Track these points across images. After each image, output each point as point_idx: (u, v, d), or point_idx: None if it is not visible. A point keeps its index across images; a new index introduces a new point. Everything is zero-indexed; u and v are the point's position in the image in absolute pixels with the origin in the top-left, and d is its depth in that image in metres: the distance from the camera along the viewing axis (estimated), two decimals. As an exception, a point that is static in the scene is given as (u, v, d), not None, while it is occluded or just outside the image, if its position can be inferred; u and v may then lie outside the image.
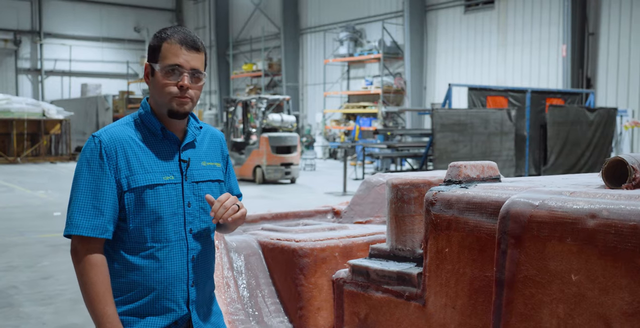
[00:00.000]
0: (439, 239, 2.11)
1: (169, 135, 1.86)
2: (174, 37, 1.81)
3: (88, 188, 1.76)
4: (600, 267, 1.54)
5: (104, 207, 1.75)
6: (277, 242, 2.95)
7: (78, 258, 1.76)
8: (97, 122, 24.85)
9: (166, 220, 1.81)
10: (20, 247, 7.57)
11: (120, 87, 29.92)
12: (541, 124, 13.47)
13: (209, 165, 1.94)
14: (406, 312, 2.26)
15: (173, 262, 1.83)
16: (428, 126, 18.69)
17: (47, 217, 9.91)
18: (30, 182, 15.52)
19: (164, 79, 1.80)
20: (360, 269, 2.48)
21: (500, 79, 19.34)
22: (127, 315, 1.80)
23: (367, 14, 23.94)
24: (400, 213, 2.45)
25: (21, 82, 31.53)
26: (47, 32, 31.82)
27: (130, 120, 1.87)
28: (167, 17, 35.31)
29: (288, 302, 2.91)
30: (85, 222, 1.74)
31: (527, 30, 18.79)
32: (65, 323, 4.73)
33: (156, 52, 1.82)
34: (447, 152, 11.81)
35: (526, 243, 1.70)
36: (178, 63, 1.79)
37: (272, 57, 28.66)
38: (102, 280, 1.74)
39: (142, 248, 1.80)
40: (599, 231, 1.54)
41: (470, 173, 2.17)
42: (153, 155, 1.83)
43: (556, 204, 1.65)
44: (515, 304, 1.72)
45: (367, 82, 23.02)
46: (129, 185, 1.78)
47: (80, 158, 1.81)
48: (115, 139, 1.79)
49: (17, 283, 5.85)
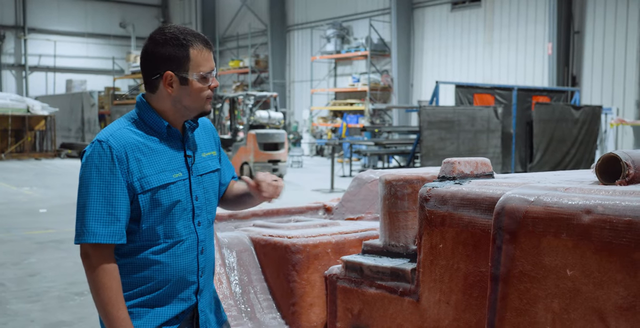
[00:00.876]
0: (433, 235, 2.12)
1: (173, 133, 1.88)
2: (194, 41, 1.81)
3: (101, 195, 1.74)
4: (595, 262, 1.55)
5: (119, 212, 1.76)
6: (270, 238, 2.96)
7: (91, 264, 1.76)
8: (82, 118, 24.66)
9: (177, 216, 1.85)
10: (7, 244, 7.51)
11: (105, 83, 29.67)
12: (527, 121, 13.56)
13: (208, 155, 1.97)
14: (400, 308, 2.27)
15: (185, 255, 1.87)
16: (415, 123, 18.76)
17: (33, 214, 9.84)
18: (14, 178, 15.38)
19: (200, 85, 1.82)
20: (353, 265, 2.49)
21: (486, 77, 19.44)
22: (137, 307, 1.82)
23: (354, 11, 23.95)
24: (394, 209, 2.45)
25: (5, 78, 31.20)
26: (32, 27, 31.49)
27: (130, 121, 1.85)
28: (152, 13, 35.09)
29: (280, 298, 2.91)
30: (103, 229, 1.74)
31: (513, 28, 18.89)
32: (53, 321, 4.70)
33: (184, 61, 1.79)
34: (435, 149, 11.86)
35: (521, 239, 1.71)
36: (212, 68, 1.84)
37: (259, 53, 28.59)
38: (114, 285, 1.76)
39: (154, 245, 1.83)
40: (594, 226, 1.55)
41: (464, 170, 2.18)
42: (161, 154, 1.84)
43: (551, 200, 1.67)
44: (511, 299, 1.73)
45: (354, 79, 23.04)
46: (142, 187, 1.79)
47: (88, 164, 1.77)
48: (124, 143, 1.78)
49: (4, 281, 5.81)
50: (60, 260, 6.66)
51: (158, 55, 1.81)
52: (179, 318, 1.89)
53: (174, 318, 1.88)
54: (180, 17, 34.19)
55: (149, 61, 1.83)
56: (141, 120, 1.85)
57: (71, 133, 25.36)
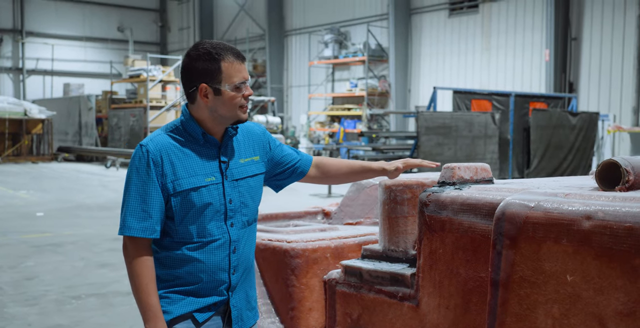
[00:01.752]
0: (432, 240, 2.12)
1: (209, 139, 2.01)
2: (226, 54, 1.95)
3: (137, 193, 1.94)
4: (595, 267, 1.56)
5: (151, 210, 1.93)
6: (269, 242, 2.96)
7: (128, 253, 1.95)
8: (79, 122, 24.62)
9: (209, 218, 1.98)
10: (3, 247, 7.49)
11: (103, 87, 29.65)
12: (524, 127, 13.59)
13: (247, 161, 2.09)
14: (399, 313, 2.27)
15: (217, 254, 2.00)
16: (412, 129, 18.78)
17: (30, 218, 9.81)
18: (11, 182, 15.35)
19: (234, 95, 1.96)
20: (353, 270, 2.49)
21: (484, 83, 19.48)
22: (175, 293, 1.99)
23: (352, 17, 23.99)
24: (393, 214, 2.46)
25: (2, 81, 31.15)
26: (29, 31, 31.47)
27: (172, 128, 2.02)
28: (151, 17, 35.11)
29: (279, 303, 2.91)
30: (136, 224, 1.93)
31: (510, 34, 18.95)
32: (51, 324, 4.69)
33: (216, 74, 1.94)
34: (432, 155, 11.87)
35: (521, 244, 1.72)
36: (245, 78, 1.98)
37: (257, 58, 28.62)
38: (147, 273, 1.92)
39: (188, 243, 1.97)
40: (594, 232, 1.56)
41: (464, 175, 2.19)
42: (195, 159, 1.98)
43: (552, 206, 1.68)
44: (511, 304, 1.74)
45: (352, 85, 23.06)
46: (174, 189, 1.94)
47: (130, 165, 1.97)
48: (160, 147, 1.95)
49: (1, 284, 5.79)
50: (58, 264, 6.64)
51: (193, 69, 1.96)
52: (211, 309, 2.01)
53: (206, 308, 2.01)
54: (178, 22, 34.22)
55: (186, 75, 1.99)
56: (182, 127, 2.01)
57: (68, 137, 25.31)
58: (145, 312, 1.91)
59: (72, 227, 8.91)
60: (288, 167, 2.24)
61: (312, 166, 2.31)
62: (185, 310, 1.98)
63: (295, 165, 2.26)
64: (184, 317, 1.98)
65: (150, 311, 1.90)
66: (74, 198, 12.09)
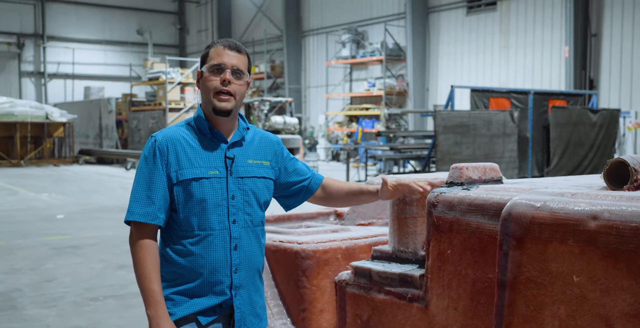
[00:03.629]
0: (441, 241, 2.11)
1: (216, 134, 2.05)
2: (219, 43, 2.05)
3: (144, 181, 1.99)
4: (601, 268, 1.54)
5: (155, 197, 1.97)
6: (280, 244, 2.96)
7: (132, 241, 1.98)
8: (100, 124, 24.88)
9: (210, 210, 1.99)
10: (24, 249, 7.58)
11: (123, 89, 29.93)
12: (544, 125, 13.46)
13: (256, 163, 2.10)
14: (409, 314, 2.26)
15: (216, 249, 2.00)
16: (430, 128, 18.69)
17: (51, 220, 9.93)
18: (33, 184, 15.55)
19: (208, 77, 2.01)
20: (362, 271, 2.49)
21: (502, 81, 19.33)
22: (179, 294, 2.00)
23: (370, 16, 23.96)
24: (402, 215, 2.45)
25: (24, 85, 31.60)
26: (50, 35, 31.88)
27: (184, 123, 2.09)
28: (169, 20, 35.38)
29: (291, 304, 2.91)
30: (139, 209, 1.97)
31: (529, 32, 18.79)
32: (69, 326, 4.74)
33: (205, 58, 2.04)
34: (450, 154, 11.81)
35: (528, 245, 1.70)
36: (221, 62, 2.00)
37: (275, 59, 28.69)
38: (150, 260, 1.95)
39: (190, 235, 2.00)
40: (600, 232, 1.54)
41: (472, 175, 2.17)
42: (201, 152, 2.02)
43: (558, 206, 1.66)
44: (517, 305, 1.72)
45: (370, 84, 23.03)
46: (177, 178, 1.98)
47: (141, 155, 2.03)
48: (168, 138, 2.01)
49: (21, 286, 5.86)
50: (77, 266, 6.71)
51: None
52: (215, 312, 2.01)
53: (210, 310, 2.00)
54: (196, 24, 34.43)
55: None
56: (193, 122, 2.08)
57: (89, 139, 25.59)
58: (147, 298, 1.92)
59: (92, 229, 9.00)
60: (299, 181, 2.24)
61: (320, 186, 2.29)
62: (188, 311, 1.98)
63: (306, 181, 2.26)
64: (188, 319, 1.99)
65: (152, 297, 1.92)
66: (95, 201, 12.21)
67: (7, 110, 21.67)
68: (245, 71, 2.04)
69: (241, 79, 2.02)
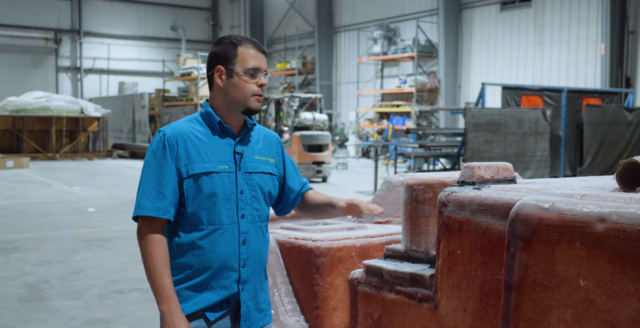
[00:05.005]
0: (451, 241, 2.08)
1: (226, 130, 2.06)
2: (246, 42, 2.03)
3: (153, 175, 1.98)
4: (608, 272, 1.50)
5: (165, 190, 1.97)
6: (295, 241, 2.96)
7: (142, 236, 1.98)
8: (133, 119, 25.22)
9: (220, 205, 2.00)
10: (55, 241, 7.73)
11: (156, 85, 30.28)
12: (577, 124, 13.21)
13: (262, 159, 2.12)
14: (418, 314, 2.24)
15: (225, 243, 2.01)
16: (462, 125, 18.49)
17: (82, 213, 10.10)
18: (67, 178, 15.84)
19: (246, 80, 2.01)
20: (374, 270, 2.47)
21: (536, 79, 19.03)
22: (187, 290, 2.00)
23: (402, 13, 23.80)
24: (415, 214, 2.42)
25: (61, 80, 32.19)
26: (87, 31, 32.40)
27: (193, 117, 2.09)
28: (203, 16, 35.65)
29: (304, 302, 2.90)
30: (150, 204, 1.96)
31: (564, 28, 18.45)
32: (92, 318, 4.81)
33: (231, 56, 2.01)
34: (480, 152, 11.66)
35: (535, 247, 1.66)
36: (259, 66, 2.03)
37: (306, 55, 28.70)
38: (160, 255, 1.94)
39: (198, 230, 2.00)
40: (607, 235, 1.50)
41: (484, 175, 2.13)
42: (210, 147, 2.02)
43: (566, 207, 1.62)
44: (523, 309, 1.69)
45: (401, 81, 22.89)
46: (187, 172, 1.98)
47: (148, 149, 2.03)
48: (177, 132, 2.01)
49: (49, 278, 5.98)
50: (104, 259, 6.82)
51: (213, 54, 2.05)
52: (223, 307, 2.02)
53: (217, 306, 2.01)
54: (229, 20, 34.63)
55: (208, 61, 2.08)
56: (201, 116, 2.07)
57: (123, 134, 25.97)
58: (159, 294, 1.92)
59: (121, 222, 9.13)
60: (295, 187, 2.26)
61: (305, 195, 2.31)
62: (196, 307, 1.99)
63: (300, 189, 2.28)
64: (196, 316, 1.99)
65: (164, 292, 1.91)
66: (125, 194, 12.38)
67: (44, 104, 22.11)
68: None
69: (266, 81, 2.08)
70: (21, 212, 10.07)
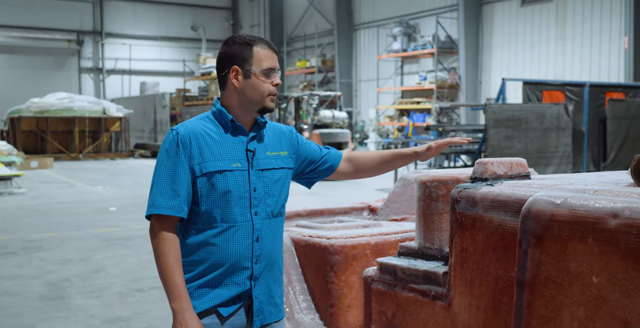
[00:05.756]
0: (463, 238, 2.06)
1: (238, 128, 2.07)
2: (260, 42, 2.05)
3: (167, 174, 1.99)
4: (621, 269, 1.46)
5: (179, 189, 1.98)
6: (309, 238, 2.95)
7: (154, 234, 1.99)
8: (154, 119, 25.40)
9: (233, 203, 2.01)
10: (76, 241, 7.81)
11: (177, 85, 30.44)
12: (600, 118, 13.02)
13: (274, 155, 2.12)
14: (432, 312, 2.21)
15: (239, 240, 2.02)
16: (482, 122, 18.34)
17: (104, 212, 10.20)
18: (90, 178, 16.01)
19: (263, 80, 2.03)
20: (388, 267, 2.45)
21: (558, 73, 18.80)
22: (199, 288, 2.01)
23: (421, 9, 23.65)
24: (428, 211, 2.40)
25: (84, 81, 32.51)
26: (108, 32, 32.68)
27: (205, 116, 2.10)
28: (223, 15, 35.77)
29: (319, 299, 2.90)
30: (165, 202, 1.97)
31: (587, 22, 18.19)
32: (112, 316, 4.85)
33: (248, 57, 2.03)
34: (501, 148, 11.55)
35: (547, 243, 1.63)
36: (274, 67, 2.05)
37: (326, 53, 28.66)
38: (172, 253, 1.96)
39: (212, 227, 2.01)
40: (620, 231, 1.47)
41: (498, 171, 2.10)
42: (223, 145, 2.03)
43: (578, 202, 1.59)
44: (536, 306, 1.66)
45: (421, 78, 22.75)
46: (200, 171, 1.99)
47: (161, 148, 2.04)
48: (190, 131, 2.02)
49: (70, 276, 6.04)
50: (125, 257, 6.87)
51: (227, 54, 2.06)
52: (235, 303, 2.03)
53: (230, 302, 2.02)
54: (249, 19, 34.71)
55: (220, 60, 2.08)
56: (213, 115, 2.08)
57: (144, 134, 26.17)
58: (171, 292, 1.93)
59: (142, 221, 9.19)
60: (316, 161, 2.26)
61: (343, 161, 2.31)
62: (209, 304, 2.00)
63: (324, 159, 2.27)
64: (209, 312, 2.00)
65: (176, 290, 1.93)
66: (147, 194, 12.44)
67: (67, 105, 22.37)
68: None
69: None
70: (44, 212, 10.20)
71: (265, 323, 2.07)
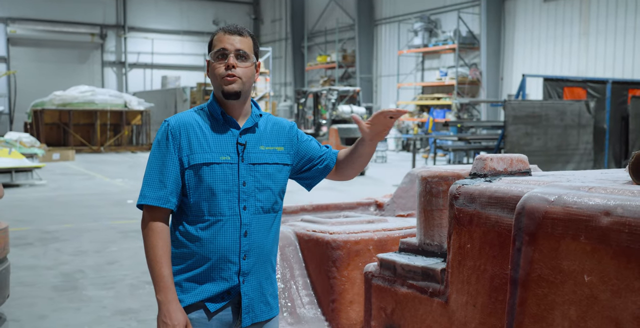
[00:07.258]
0: (461, 234, 2.03)
1: (229, 120, 2.04)
2: (220, 29, 2.05)
3: (156, 165, 2.00)
4: (613, 268, 1.43)
5: (167, 180, 1.98)
6: (312, 233, 2.94)
7: (144, 224, 1.99)
8: (175, 113, 25.54)
9: (220, 196, 1.99)
10: (92, 232, 7.89)
11: (197, 79, 30.56)
12: (623, 116, 12.82)
13: (268, 149, 2.08)
14: (429, 309, 2.20)
15: (226, 234, 1.99)
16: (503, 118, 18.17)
17: (121, 205, 10.29)
18: (110, 170, 16.16)
19: (214, 64, 2.01)
20: (387, 263, 2.43)
21: (581, 70, 18.55)
22: (187, 281, 2.00)
23: (443, 4, 23.46)
24: (429, 207, 2.38)
25: (107, 75, 32.81)
26: (131, 26, 32.92)
27: (198, 108, 2.09)
28: (244, 10, 35.83)
29: (321, 295, 2.89)
30: (152, 193, 1.98)
31: (611, 18, 17.92)
32: (123, 308, 4.89)
33: (210, 47, 2.05)
34: (520, 145, 11.43)
35: (540, 241, 1.61)
36: (223, 47, 1.99)
37: (347, 48, 28.58)
38: (161, 244, 1.96)
39: (200, 220, 2.00)
40: (612, 229, 1.44)
41: (497, 167, 2.08)
42: (212, 137, 2.02)
43: (571, 200, 1.56)
44: (529, 304, 1.63)
45: (442, 73, 22.60)
46: (188, 163, 1.98)
47: (154, 139, 2.05)
48: (180, 122, 2.02)
49: (84, 268, 6.11)
50: (138, 250, 6.92)
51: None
52: (224, 298, 2.01)
53: (218, 297, 2.00)
54: (270, 14, 34.73)
55: None
56: (207, 108, 2.07)
57: (165, 127, 26.31)
58: (157, 283, 1.93)
59: (158, 214, 9.26)
60: (315, 158, 2.19)
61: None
62: (197, 298, 1.99)
63: (322, 157, 2.19)
64: (196, 306, 1.99)
65: (162, 282, 1.93)
66: (164, 187, 12.57)
67: (89, 98, 22.60)
68: (250, 54, 2.01)
69: (247, 61, 2.01)
70: (63, 204, 10.31)
71: (257, 321, 2.05)
